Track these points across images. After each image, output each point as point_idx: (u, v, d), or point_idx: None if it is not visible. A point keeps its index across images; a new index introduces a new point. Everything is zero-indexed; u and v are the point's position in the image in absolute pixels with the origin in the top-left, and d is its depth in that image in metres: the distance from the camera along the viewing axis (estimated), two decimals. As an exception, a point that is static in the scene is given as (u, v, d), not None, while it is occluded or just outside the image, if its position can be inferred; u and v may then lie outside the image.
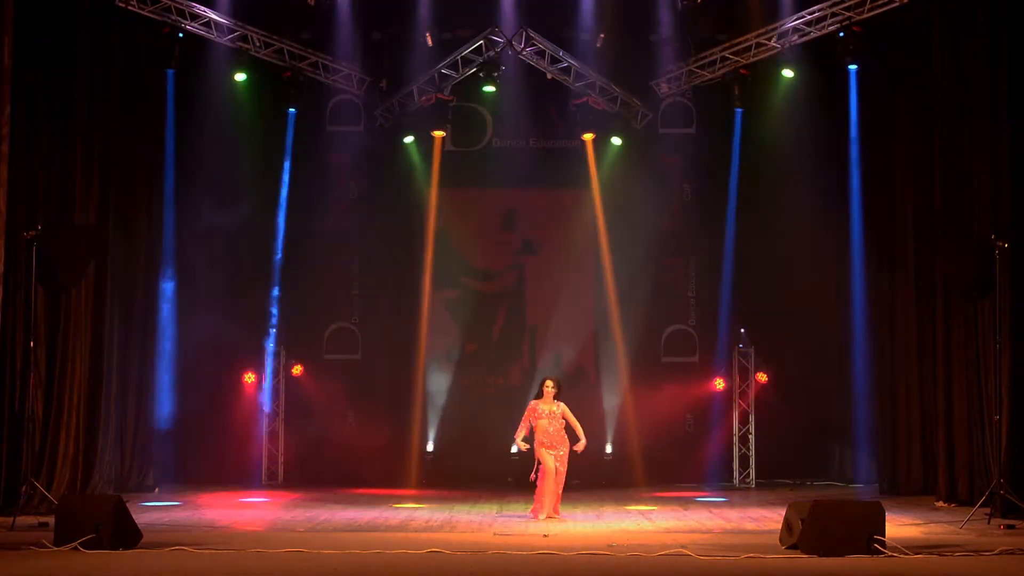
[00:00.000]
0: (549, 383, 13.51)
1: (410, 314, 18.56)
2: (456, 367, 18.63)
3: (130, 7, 15.41)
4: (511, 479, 16.76)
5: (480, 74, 17.55)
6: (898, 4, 15.42)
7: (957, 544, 10.72)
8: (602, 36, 17.85)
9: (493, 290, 18.97)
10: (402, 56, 18.14)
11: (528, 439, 13.45)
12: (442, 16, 17.70)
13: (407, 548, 10.34)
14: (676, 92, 18.36)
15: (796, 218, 17.81)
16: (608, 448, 17.91)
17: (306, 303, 18.51)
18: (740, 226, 18.27)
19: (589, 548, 10.46)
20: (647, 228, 18.56)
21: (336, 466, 17.87)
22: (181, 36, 16.21)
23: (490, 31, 17.08)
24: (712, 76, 17.73)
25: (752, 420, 17.93)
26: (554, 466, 13.19)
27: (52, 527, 10.58)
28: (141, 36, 15.86)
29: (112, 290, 15.19)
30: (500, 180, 18.75)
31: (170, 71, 16.49)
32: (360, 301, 18.74)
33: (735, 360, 18.04)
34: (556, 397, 13.43)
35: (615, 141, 18.46)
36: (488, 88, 17.72)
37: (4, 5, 12.95)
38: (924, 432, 15.77)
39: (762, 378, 18.12)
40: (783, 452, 18.03)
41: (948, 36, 14.58)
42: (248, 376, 18.14)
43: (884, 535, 10.00)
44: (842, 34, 16.08)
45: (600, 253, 18.49)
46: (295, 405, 18.24)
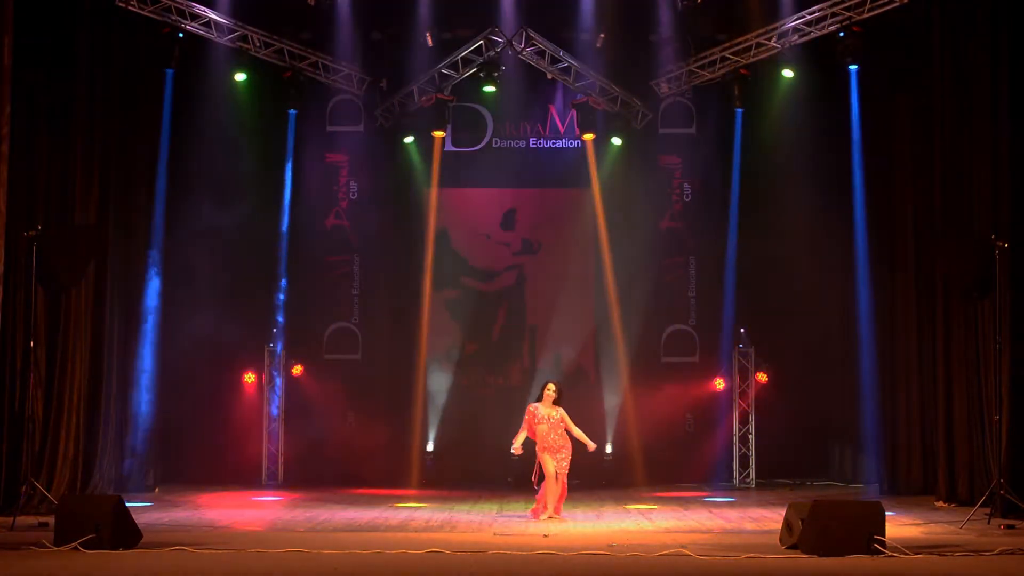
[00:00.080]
0: (551, 387, 13.44)
1: (410, 314, 18.59)
2: (456, 367, 18.64)
3: (130, 7, 15.41)
4: (511, 479, 16.75)
5: (480, 74, 17.56)
6: (898, 4, 15.42)
7: (957, 544, 10.71)
8: (602, 36, 17.87)
9: (493, 290, 18.97)
10: (402, 56, 18.16)
11: (527, 442, 13.40)
12: (442, 16, 17.73)
13: (407, 548, 10.34)
14: (676, 92, 18.36)
15: (796, 218, 17.81)
16: (608, 448, 17.89)
17: (306, 303, 18.52)
18: (740, 226, 18.27)
19: (589, 548, 10.46)
20: (647, 228, 18.59)
21: (336, 466, 17.87)
22: (181, 36, 16.20)
23: (490, 31, 17.09)
24: (712, 76, 17.73)
25: (752, 420, 17.93)
26: (554, 469, 13.17)
27: (52, 527, 10.58)
28: (141, 36, 15.85)
29: (112, 290, 15.18)
30: (500, 180, 18.80)
31: (170, 71, 16.46)
32: (360, 301, 18.75)
33: (735, 360, 18.05)
34: (556, 402, 13.41)
35: (615, 141, 18.48)
36: (488, 88, 17.74)
37: (4, 5, 12.93)
38: (924, 432, 15.77)
39: (762, 378, 18.12)
40: (783, 452, 18.02)
41: (948, 36, 14.58)
42: (248, 376, 18.16)
43: (884, 535, 9.99)
44: (842, 34, 16.08)
45: (600, 253, 18.50)
46: (295, 405, 18.25)
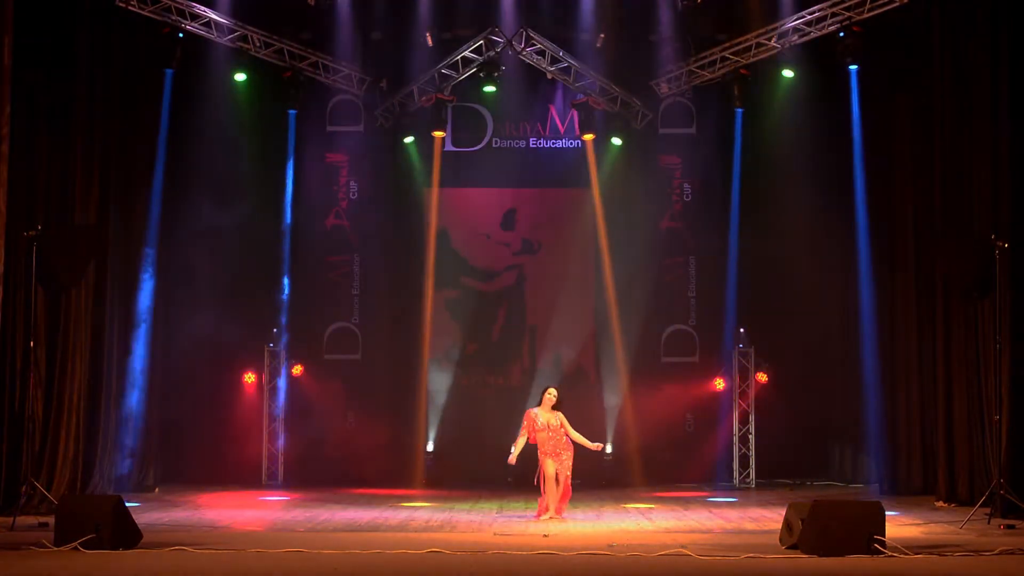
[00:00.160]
0: (552, 392, 13.40)
1: (410, 314, 18.59)
2: (456, 367, 18.63)
3: (130, 7, 15.41)
4: (511, 479, 16.74)
5: (480, 74, 17.56)
6: (898, 4, 15.42)
7: (957, 544, 10.72)
8: (602, 36, 17.87)
9: (493, 290, 18.97)
10: (402, 56, 18.16)
11: (527, 445, 13.38)
12: (442, 16, 17.73)
13: (407, 548, 10.34)
14: (676, 92, 18.36)
15: (796, 218, 17.80)
16: (608, 448, 17.88)
17: (306, 303, 18.52)
18: (740, 226, 18.25)
19: (589, 548, 10.46)
20: (647, 228, 18.60)
21: (336, 466, 17.87)
22: (181, 36, 16.20)
23: (490, 31, 17.09)
24: (712, 76, 17.73)
25: (752, 420, 17.92)
26: (555, 470, 13.17)
27: (52, 527, 10.58)
28: (141, 36, 15.85)
29: (112, 290, 15.19)
30: (500, 180, 18.80)
31: (170, 71, 16.45)
32: (360, 301, 18.75)
33: (735, 360, 18.04)
34: (555, 407, 13.38)
35: (615, 141, 18.48)
36: (488, 88, 17.75)
37: (4, 5, 12.92)
38: (924, 432, 15.77)
39: (762, 378, 18.11)
40: (783, 452, 18.02)
41: (948, 36, 14.58)
42: (248, 376, 18.16)
43: (884, 535, 9.99)
44: (842, 34, 16.07)
45: (600, 253, 18.49)
46: (295, 405, 18.24)
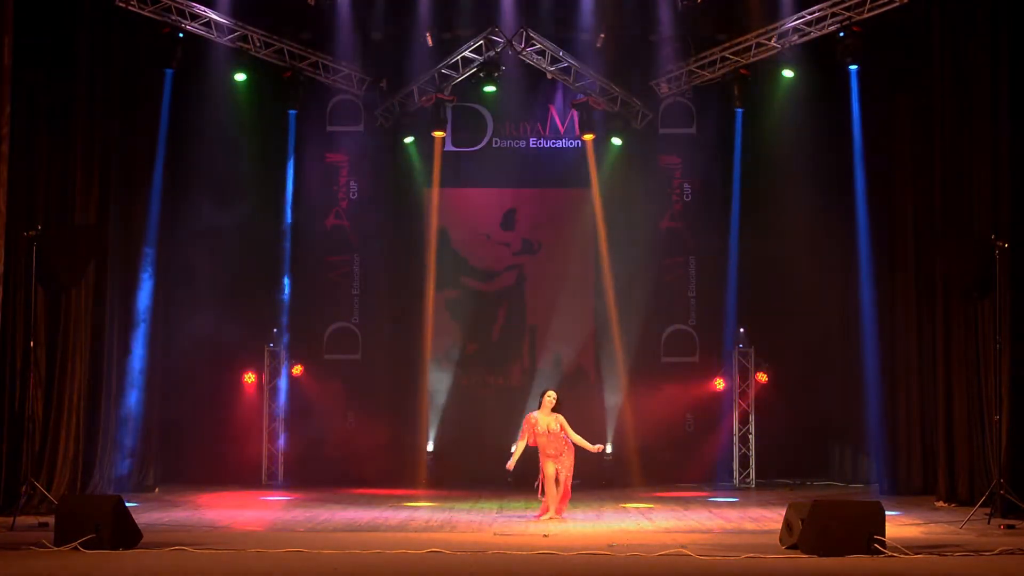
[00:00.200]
0: (551, 394, 13.37)
1: (410, 314, 18.60)
2: (456, 367, 18.63)
3: (130, 7, 15.41)
4: (511, 479, 16.68)
5: (480, 74, 17.56)
6: (898, 4, 15.41)
7: (957, 544, 10.72)
8: (602, 36, 17.87)
9: (493, 290, 18.97)
10: (402, 56, 18.17)
11: (527, 448, 13.39)
12: (442, 16, 17.74)
13: (407, 548, 10.34)
14: (676, 92, 18.36)
15: (796, 218, 17.81)
16: (608, 448, 17.88)
17: (306, 303, 18.52)
18: (740, 226, 18.26)
19: (589, 548, 10.46)
20: (647, 228, 18.60)
21: (336, 466, 17.86)
22: (181, 36, 16.19)
23: (490, 31, 17.09)
24: (712, 76, 17.73)
25: (752, 420, 17.92)
26: (554, 471, 13.18)
27: (52, 527, 10.58)
28: (141, 36, 15.85)
29: (112, 290, 15.18)
30: (500, 180, 18.80)
31: (170, 71, 16.45)
32: (360, 301, 18.74)
33: (735, 360, 18.03)
34: (555, 409, 13.38)
35: (615, 141, 18.48)
36: (488, 88, 17.75)
37: (4, 5, 12.92)
38: (924, 432, 15.77)
39: (762, 378, 18.11)
40: (783, 452, 18.02)
41: (948, 36, 14.58)
42: (248, 376, 18.16)
43: (884, 535, 9.99)
44: (842, 34, 16.07)
45: (600, 253, 18.49)
46: (295, 405, 18.24)
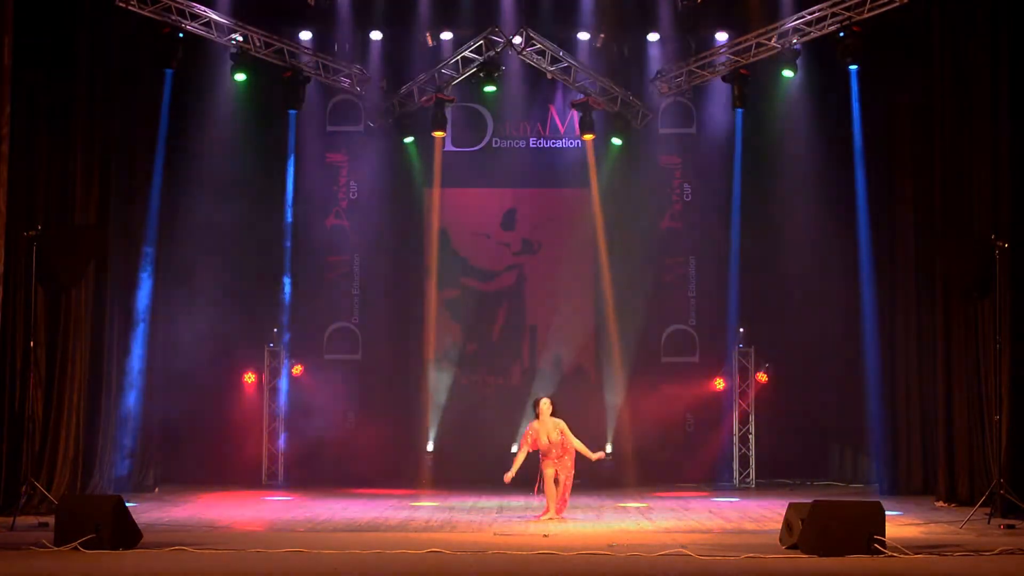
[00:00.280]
0: (545, 402, 13.24)
1: (410, 314, 18.62)
2: (456, 367, 18.62)
3: (130, 7, 15.40)
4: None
5: (480, 74, 17.54)
6: (898, 4, 15.40)
7: (957, 544, 10.71)
8: (602, 36, 17.88)
9: (493, 290, 18.97)
10: (402, 56, 18.18)
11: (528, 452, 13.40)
12: (442, 16, 17.75)
13: (407, 548, 10.34)
14: (676, 92, 18.36)
15: (796, 218, 17.82)
16: (608, 448, 17.89)
17: (306, 303, 18.51)
18: (741, 226, 18.25)
19: (589, 548, 10.46)
20: (647, 228, 18.60)
21: (336, 466, 17.86)
22: (181, 36, 16.16)
23: (490, 31, 17.09)
24: (712, 76, 17.73)
25: (752, 420, 17.91)
26: (554, 471, 13.18)
27: (52, 527, 10.58)
28: (141, 36, 15.84)
29: (112, 290, 15.18)
30: (500, 180, 18.81)
31: (170, 71, 16.44)
32: (360, 301, 18.74)
33: (735, 360, 18.03)
34: (553, 414, 13.33)
35: (615, 141, 18.47)
36: (488, 88, 17.73)
37: (4, 5, 12.92)
38: (924, 432, 15.77)
39: (762, 378, 18.10)
40: (783, 452, 18.01)
41: (948, 36, 14.57)
42: (248, 376, 18.16)
43: (884, 535, 9.99)
44: (842, 34, 16.05)
45: (600, 253, 18.49)
46: (295, 405, 18.24)
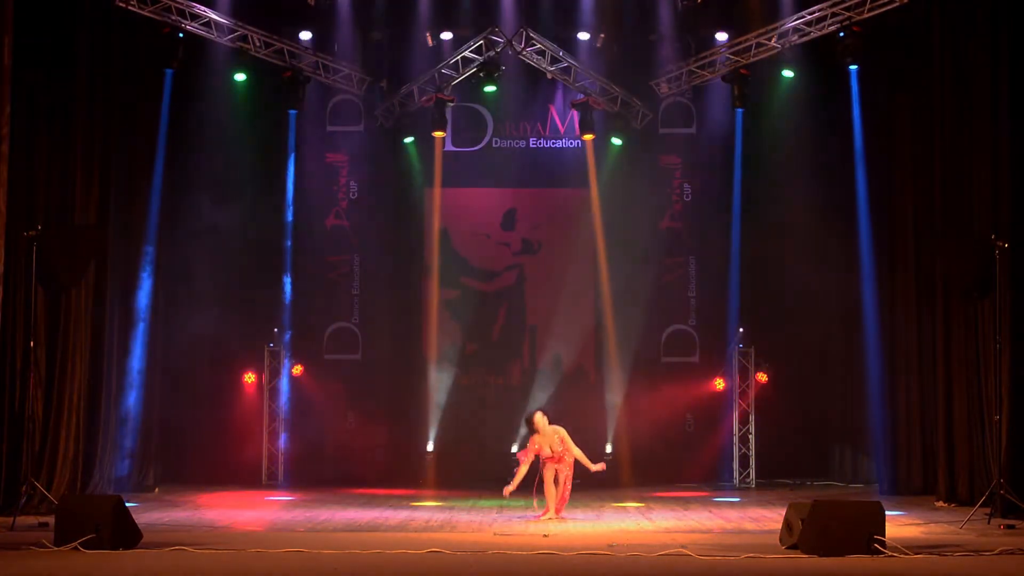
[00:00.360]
0: (539, 416, 13.22)
1: (410, 314, 18.62)
2: (456, 367, 18.62)
3: (130, 7, 15.41)
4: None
5: (480, 74, 17.54)
6: (898, 4, 15.41)
7: (957, 544, 10.71)
8: (602, 36, 17.88)
9: (493, 290, 18.96)
10: (402, 56, 18.19)
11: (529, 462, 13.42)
12: (442, 16, 17.75)
13: (407, 548, 10.34)
14: (676, 92, 18.37)
15: (796, 218, 17.81)
16: (608, 448, 17.89)
17: (306, 303, 18.51)
18: (741, 226, 18.24)
19: (589, 548, 10.46)
20: (647, 228, 18.60)
21: (336, 466, 17.87)
22: (181, 36, 16.18)
23: (490, 31, 17.09)
24: (712, 76, 17.73)
25: (752, 420, 17.91)
26: (553, 472, 13.18)
27: (52, 527, 10.58)
28: (141, 36, 15.84)
29: (112, 290, 15.17)
30: (500, 180, 18.80)
31: (170, 71, 16.44)
32: (360, 301, 18.74)
33: (735, 360, 18.02)
34: (552, 421, 13.35)
35: (615, 141, 18.48)
36: (488, 88, 17.73)
37: (4, 5, 12.91)
38: (924, 432, 15.76)
39: (762, 378, 18.10)
40: (783, 452, 18.01)
41: (948, 36, 14.57)
42: (248, 376, 18.16)
43: (884, 535, 9.99)
44: (842, 34, 16.06)
45: (600, 253, 18.48)
46: (295, 405, 18.24)
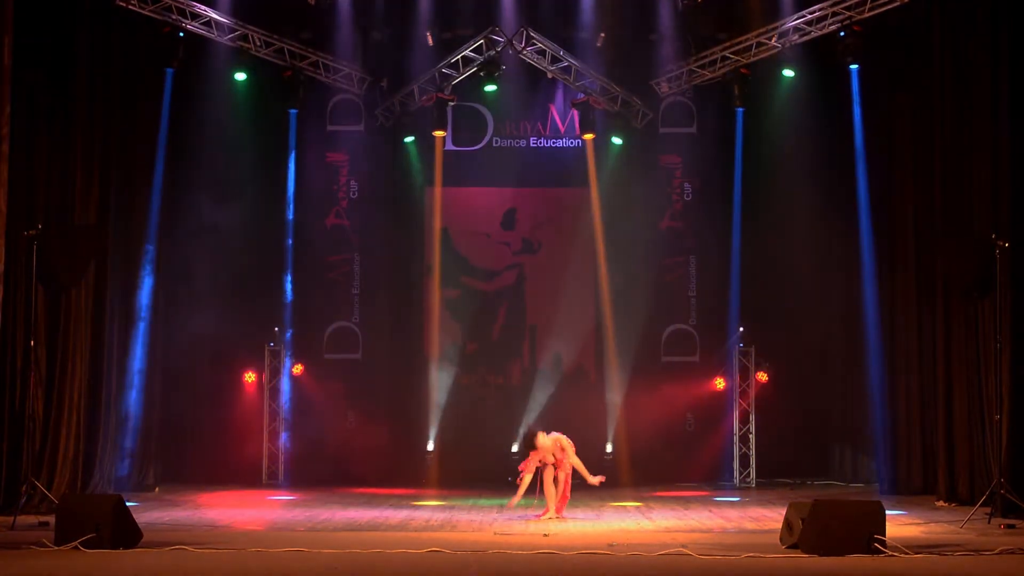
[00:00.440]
0: (541, 436, 13.23)
1: (410, 314, 18.62)
2: (456, 367, 18.62)
3: (130, 7, 15.41)
4: (511, 479, 16.70)
5: (480, 74, 17.55)
6: (898, 4, 15.41)
7: (957, 544, 10.71)
8: (602, 36, 17.87)
9: (493, 289, 18.96)
10: (402, 56, 18.17)
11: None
12: (442, 16, 17.74)
13: (407, 547, 10.34)
14: (676, 92, 18.37)
15: (796, 218, 17.81)
16: (608, 448, 17.90)
17: (306, 302, 18.51)
18: (741, 225, 18.24)
19: (589, 548, 10.45)
20: (647, 228, 18.59)
21: (336, 465, 17.86)
22: (181, 35, 16.18)
23: (490, 31, 17.09)
24: (712, 76, 17.73)
25: (752, 420, 17.91)
26: (553, 472, 13.19)
27: (52, 527, 10.58)
28: (141, 36, 15.84)
29: (112, 290, 15.18)
30: (500, 180, 18.79)
31: (170, 70, 16.44)
32: (360, 301, 18.74)
33: (735, 360, 18.02)
34: (550, 424, 13.36)
35: (615, 141, 18.48)
36: (488, 88, 17.73)
37: (4, 5, 12.91)
38: (924, 432, 15.76)
39: (762, 378, 18.10)
40: (783, 452, 18.01)
41: (948, 36, 14.57)
42: (248, 376, 18.16)
43: (884, 535, 9.99)
44: (842, 34, 16.06)
45: (600, 253, 18.47)
46: (295, 405, 18.24)
